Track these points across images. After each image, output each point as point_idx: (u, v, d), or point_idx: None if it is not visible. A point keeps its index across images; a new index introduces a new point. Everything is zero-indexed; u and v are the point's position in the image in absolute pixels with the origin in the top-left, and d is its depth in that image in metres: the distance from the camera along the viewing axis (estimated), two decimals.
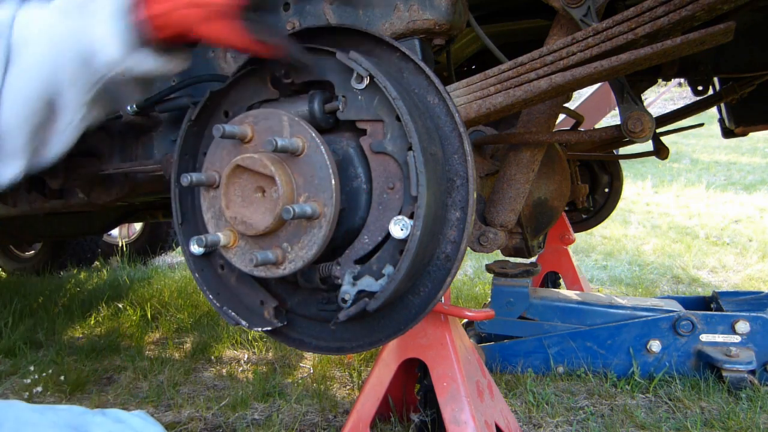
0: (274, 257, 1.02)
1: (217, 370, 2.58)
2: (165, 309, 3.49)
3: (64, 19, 1.02)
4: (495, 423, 1.58)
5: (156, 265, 5.19)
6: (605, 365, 2.32)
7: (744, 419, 1.90)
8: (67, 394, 2.31)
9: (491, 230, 1.65)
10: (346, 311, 1.02)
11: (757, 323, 2.22)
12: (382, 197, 1.04)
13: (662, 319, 2.28)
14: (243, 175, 1.05)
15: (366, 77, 1.01)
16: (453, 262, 1.04)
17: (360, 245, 1.06)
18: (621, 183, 3.30)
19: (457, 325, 1.62)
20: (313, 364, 2.54)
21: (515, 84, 1.17)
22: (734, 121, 2.68)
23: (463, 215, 1.04)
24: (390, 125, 1.02)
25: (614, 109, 4.38)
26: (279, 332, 1.23)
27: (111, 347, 2.88)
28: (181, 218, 1.25)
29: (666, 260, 4.75)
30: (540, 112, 1.56)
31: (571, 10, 1.26)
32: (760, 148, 11.76)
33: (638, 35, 1.07)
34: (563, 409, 2.05)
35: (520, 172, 1.61)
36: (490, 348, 2.41)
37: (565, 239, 3.19)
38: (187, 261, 1.24)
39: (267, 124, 1.04)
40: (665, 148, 2.48)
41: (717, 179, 9.42)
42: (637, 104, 1.40)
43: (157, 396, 2.26)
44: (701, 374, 2.24)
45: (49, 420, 1.06)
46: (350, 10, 1.23)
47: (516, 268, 2.37)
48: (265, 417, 2.05)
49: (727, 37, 1.01)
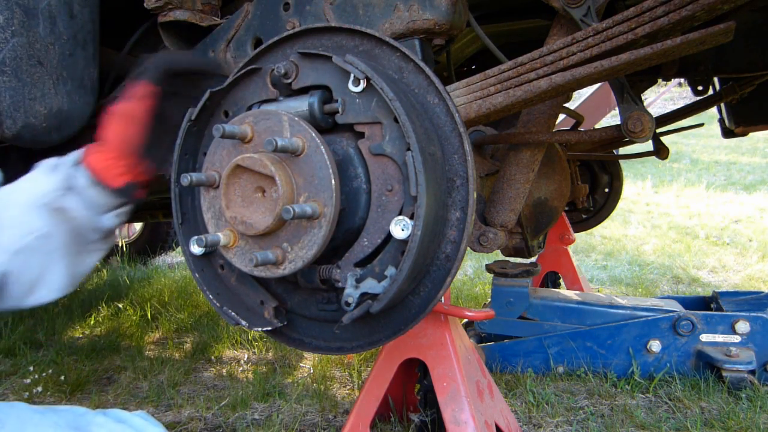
0: (274, 257, 1.02)
1: (217, 370, 2.58)
2: (165, 309, 3.49)
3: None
4: (495, 423, 1.58)
5: (156, 265, 5.18)
6: (605, 365, 2.32)
7: (744, 419, 1.90)
8: (67, 394, 2.31)
9: (491, 230, 1.65)
10: (350, 314, 1.02)
11: (757, 323, 2.22)
12: (380, 199, 1.04)
13: (662, 319, 2.28)
14: (243, 175, 1.05)
15: (363, 80, 1.01)
16: (453, 262, 1.04)
17: (359, 248, 1.06)
18: (621, 183, 3.30)
19: (457, 325, 1.62)
20: (313, 364, 2.54)
21: (515, 84, 1.17)
22: (734, 121, 2.68)
23: (463, 215, 1.04)
24: (388, 127, 1.02)
25: (614, 109, 4.38)
26: (279, 332, 1.23)
27: (111, 347, 2.88)
28: (181, 218, 1.25)
29: (666, 260, 4.75)
30: (540, 112, 1.56)
31: (571, 10, 1.26)
32: (760, 148, 11.76)
33: (638, 35, 1.07)
34: (563, 409, 2.05)
35: (520, 172, 1.61)
36: (490, 348, 2.41)
37: (565, 239, 3.19)
38: (187, 261, 1.24)
39: (267, 124, 1.04)
40: (665, 148, 2.48)
41: (717, 179, 9.43)
42: (637, 104, 1.39)
43: (157, 396, 2.26)
44: (701, 374, 2.24)
45: (51, 420, 1.06)
46: (350, 10, 1.23)
47: (516, 268, 2.37)
48: (265, 417, 2.05)
49: (727, 37, 1.01)
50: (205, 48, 1.42)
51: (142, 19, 1.65)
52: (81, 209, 1.21)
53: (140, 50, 1.77)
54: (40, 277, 1.20)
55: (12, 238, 1.15)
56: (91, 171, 1.22)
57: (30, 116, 1.40)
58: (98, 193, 1.23)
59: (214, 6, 1.48)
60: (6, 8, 1.31)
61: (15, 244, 1.15)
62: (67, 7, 1.41)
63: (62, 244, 1.21)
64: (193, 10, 1.42)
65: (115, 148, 1.23)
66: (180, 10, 1.40)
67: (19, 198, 1.19)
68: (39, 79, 1.39)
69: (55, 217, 1.19)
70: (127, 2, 1.56)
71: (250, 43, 1.35)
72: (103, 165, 1.23)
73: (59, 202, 1.19)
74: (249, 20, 1.34)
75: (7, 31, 1.32)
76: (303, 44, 1.14)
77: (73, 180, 1.21)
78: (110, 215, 1.26)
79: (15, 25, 1.33)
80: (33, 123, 1.41)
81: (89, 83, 1.53)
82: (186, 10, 1.40)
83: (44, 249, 1.19)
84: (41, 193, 1.19)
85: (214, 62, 1.40)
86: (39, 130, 1.43)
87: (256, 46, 1.34)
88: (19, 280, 1.17)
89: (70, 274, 1.24)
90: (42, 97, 1.41)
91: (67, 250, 1.22)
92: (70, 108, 1.47)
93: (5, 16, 1.31)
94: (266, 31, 1.32)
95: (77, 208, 1.21)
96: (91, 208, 1.22)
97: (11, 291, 1.17)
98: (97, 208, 1.23)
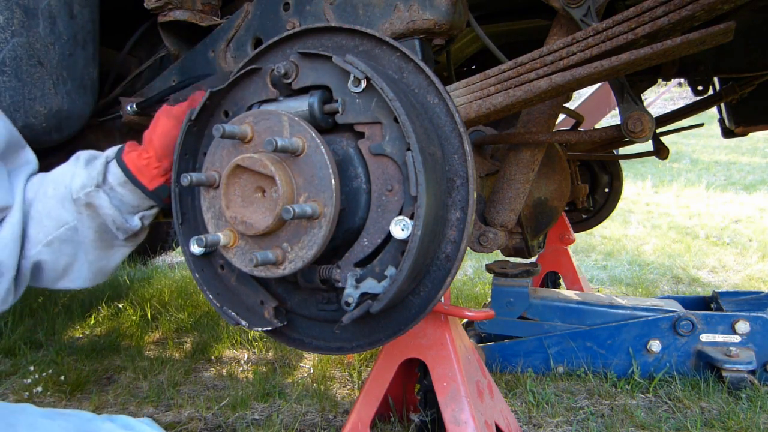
0: (274, 257, 1.02)
1: (217, 370, 2.58)
2: (165, 309, 3.49)
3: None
4: (495, 423, 1.57)
5: (156, 265, 5.18)
6: (605, 365, 2.32)
7: (744, 419, 1.90)
8: (67, 394, 2.31)
9: (491, 230, 1.65)
10: (350, 314, 1.02)
11: (757, 323, 2.22)
12: (380, 200, 1.04)
13: (662, 319, 2.28)
14: (243, 175, 1.05)
15: (363, 80, 1.01)
16: (453, 262, 1.04)
17: (359, 248, 1.06)
18: (621, 183, 3.30)
19: (457, 325, 1.62)
20: (313, 364, 2.54)
21: (515, 84, 1.17)
22: (734, 121, 2.68)
23: (463, 215, 1.04)
24: (388, 127, 1.02)
25: (614, 109, 4.38)
26: (279, 332, 1.23)
27: (111, 347, 2.87)
28: (181, 218, 1.25)
29: (666, 260, 4.75)
30: (540, 112, 1.56)
31: (571, 10, 1.26)
32: (760, 148, 11.76)
33: (638, 35, 1.07)
34: (563, 409, 2.05)
35: (520, 172, 1.61)
36: (490, 348, 2.41)
37: (565, 239, 3.19)
38: (187, 261, 1.24)
39: (267, 124, 1.04)
40: (665, 148, 2.48)
41: (717, 179, 9.43)
42: (637, 104, 1.39)
43: (157, 396, 2.26)
44: (701, 374, 2.24)
45: (60, 426, 1.07)
46: (350, 10, 1.23)
47: (516, 268, 2.37)
48: (265, 417, 2.05)
49: (727, 37, 1.01)
50: (205, 48, 1.42)
51: (142, 19, 1.65)
52: (110, 207, 1.23)
53: (140, 50, 1.77)
54: (68, 266, 1.27)
55: (45, 230, 1.22)
56: (127, 168, 1.23)
57: (30, 116, 1.40)
58: (129, 192, 1.24)
59: (214, 6, 1.48)
60: (6, 8, 1.31)
61: (48, 236, 1.22)
62: (67, 7, 1.41)
63: (89, 239, 1.24)
64: (193, 10, 1.42)
65: (155, 148, 1.25)
66: (180, 10, 1.40)
67: (52, 190, 1.23)
68: (39, 79, 1.39)
69: (84, 212, 1.22)
70: (127, 2, 1.56)
71: (250, 43, 1.35)
72: (140, 164, 1.24)
73: (90, 197, 1.22)
74: (249, 20, 1.35)
75: (7, 31, 1.32)
76: (303, 44, 1.14)
77: (107, 176, 1.23)
78: (137, 216, 1.28)
79: (15, 25, 1.33)
80: (33, 123, 1.41)
81: (89, 83, 1.53)
82: (186, 10, 1.40)
83: (73, 241, 1.24)
84: (74, 187, 1.21)
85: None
86: (39, 130, 1.43)
87: (256, 46, 1.34)
88: (51, 267, 1.25)
89: (95, 268, 1.29)
90: (42, 97, 1.41)
91: (93, 244, 1.25)
92: (69, 108, 1.47)
93: (5, 16, 1.31)
94: (266, 31, 1.32)
95: (107, 205, 1.23)
96: (120, 207, 1.24)
97: (44, 276, 1.26)
98: (126, 208, 1.25)
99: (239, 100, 1.19)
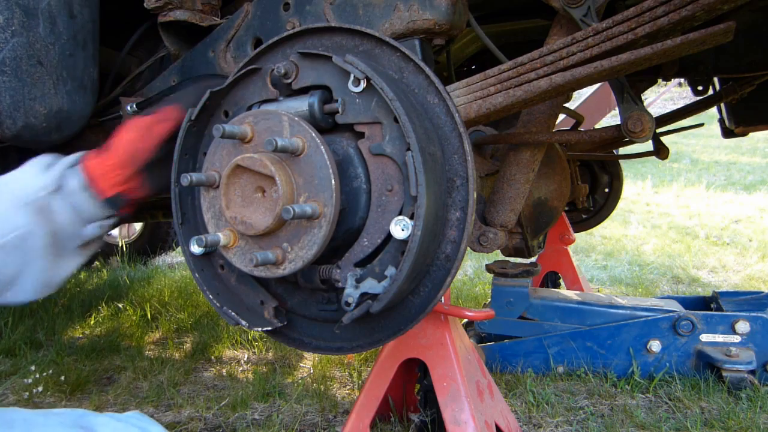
0: (274, 257, 1.02)
1: (217, 370, 2.58)
2: (165, 309, 3.49)
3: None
4: (495, 423, 1.58)
5: (156, 265, 5.18)
6: (605, 365, 2.32)
7: (744, 419, 1.90)
8: (67, 394, 2.31)
9: (491, 230, 1.65)
10: (350, 314, 1.02)
11: (757, 323, 2.22)
12: (380, 200, 1.04)
13: (662, 319, 2.28)
14: (243, 175, 1.05)
15: (363, 80, 1.01)
16: (453, 262, 1.04)
17: (359, 248, 1.06)
18: (621, 183, 3.30)
19: (457, 325, 1.62)
20: (313, 364, 2.54)
21: (515, 84, 1.17)
22: (734, 121, 2.68)
23: (463, 215, 1.04)
24: (388, 127, 1.02)
25: (614, 109, 4.39)
26: (279, 332, 1.23)
27: (111, 347, 2.87)
28: (181, 218, 1.25)
29: (666, 260, 4.75)
30: (540, 112, 1.56)
31: (571, 10, 1.26)
32: (760, 148, 11.76)
33: (638, 35, 1.07)
34: (563, 409, 2.05)
35: (520, 172, 1.61)
36: (490, 348, 2.41)
37: (565, 239, 3.19)
38: (187, 261, 1.24)
39: (267, 124, 1.04)
40: (665, 148, 2.48)
41: (717, 179, 9.43)
42: (637, 104, 1.40)
43: (157, 396, 2.26)
44: (701, 374, 2.24)
45: (56, 420, 1.07)
46: (350, 10, 1.23)
47: (516, 268, 2.37)
48: (265, 417, 2.05)
49: (727, 37, 1.01)
50: (205, 48, 1.42)
51: (142, 19, 1.65)
52: (65, 213, 1.18)
53: (140, 50, 1.77)
54: (15, 276, 1.16)
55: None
56: (86, 175, 1.20)
57: (30, 116, 1.40)
58: (87, 200, 1.20)
59: (214, 6, 1.48)
60: (6, 8, 1.31)
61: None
62: (67, 7, 1.41)
63: (41, 246, 1.17)
64: (193, 10, 1.42)
65: (118, 156, 1.22)
66: (180, 10, 1.40)
67: (5, 193, 1.17)
68: (39, 79, 1.39)
69: (38, 217, 1.16)
70: (127, 2, 1.56)
71: (250, 43, 1.35)
72: (100, 171, 1.21)
73: (45, 202, 1.16)
74: (249, 20, 1.35)
75: (7, 31, 1.32)
76: (303, 44, 1.14)
77: (64, 181, 1.19)
78: (93, 225, 1.24)
79: (15, 25, 1.33)
80: (33, 123, 1.41)
81: (89, 83, 1.53)
82: (186, 10, 1.40)
83: (23, 248, 1.15)
84: (29, 191, 1.16)
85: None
86: (39, 130, 1.43)
87: (256, 46, 1.34)
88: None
89: (45, 278, 1.20)
90: (42, 97, 1.40)
91: (45, 252, 1.17)
92: (70, 108, 1.47)
93: (5, 16, 1.31)
94: (266, 31, 1.32)
95: (62, 211, 1.18)
96: (76, 214, 1.20)
97: None
98: (82, 215, 1.21)
99: (239, 100, 1.19)
